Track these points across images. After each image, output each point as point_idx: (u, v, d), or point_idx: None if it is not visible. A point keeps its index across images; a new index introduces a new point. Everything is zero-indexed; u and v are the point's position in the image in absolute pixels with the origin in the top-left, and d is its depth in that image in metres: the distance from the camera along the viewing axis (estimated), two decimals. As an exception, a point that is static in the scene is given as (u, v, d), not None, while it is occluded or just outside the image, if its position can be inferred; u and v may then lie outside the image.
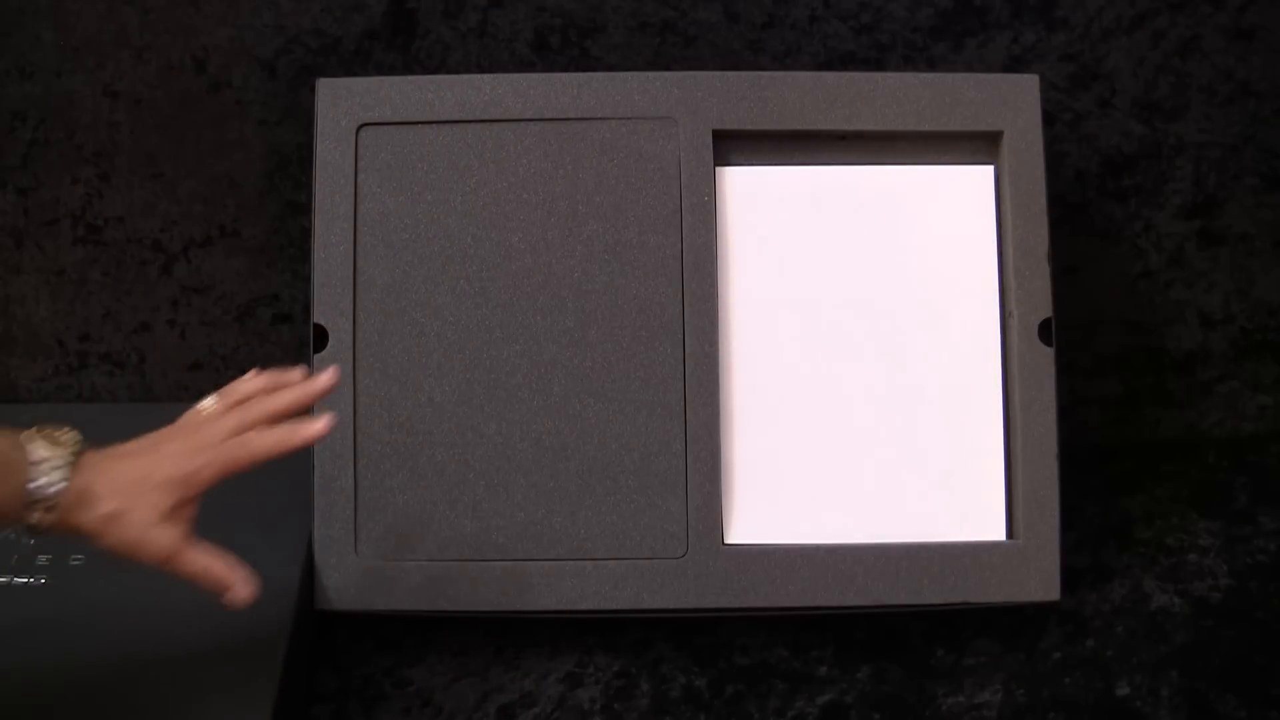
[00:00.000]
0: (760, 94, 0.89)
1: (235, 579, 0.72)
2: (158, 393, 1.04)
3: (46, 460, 0.68)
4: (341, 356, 0.87)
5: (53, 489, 0.68)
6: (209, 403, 0.76)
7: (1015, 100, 0.89)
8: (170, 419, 1.02)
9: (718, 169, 0.89)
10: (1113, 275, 1.06)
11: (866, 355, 0.89)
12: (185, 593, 0.71)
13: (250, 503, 0.89)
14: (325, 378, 0.78)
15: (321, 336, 0.88)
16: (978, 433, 0.89)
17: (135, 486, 0.70)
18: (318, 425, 0.75)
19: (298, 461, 0.86)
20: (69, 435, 0.70)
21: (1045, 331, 0.88)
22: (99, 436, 0.74)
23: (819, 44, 1.00)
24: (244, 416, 0.75)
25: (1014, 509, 0.88)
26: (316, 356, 0.88)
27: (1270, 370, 1.09)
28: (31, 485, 0.67)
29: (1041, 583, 0.87)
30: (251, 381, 0.78)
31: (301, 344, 0.99)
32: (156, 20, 0.99)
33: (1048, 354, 0.88)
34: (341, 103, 0.88)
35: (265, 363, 1.04)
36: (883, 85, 0.89)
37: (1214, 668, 0.87)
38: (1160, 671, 0.87)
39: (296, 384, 0.78)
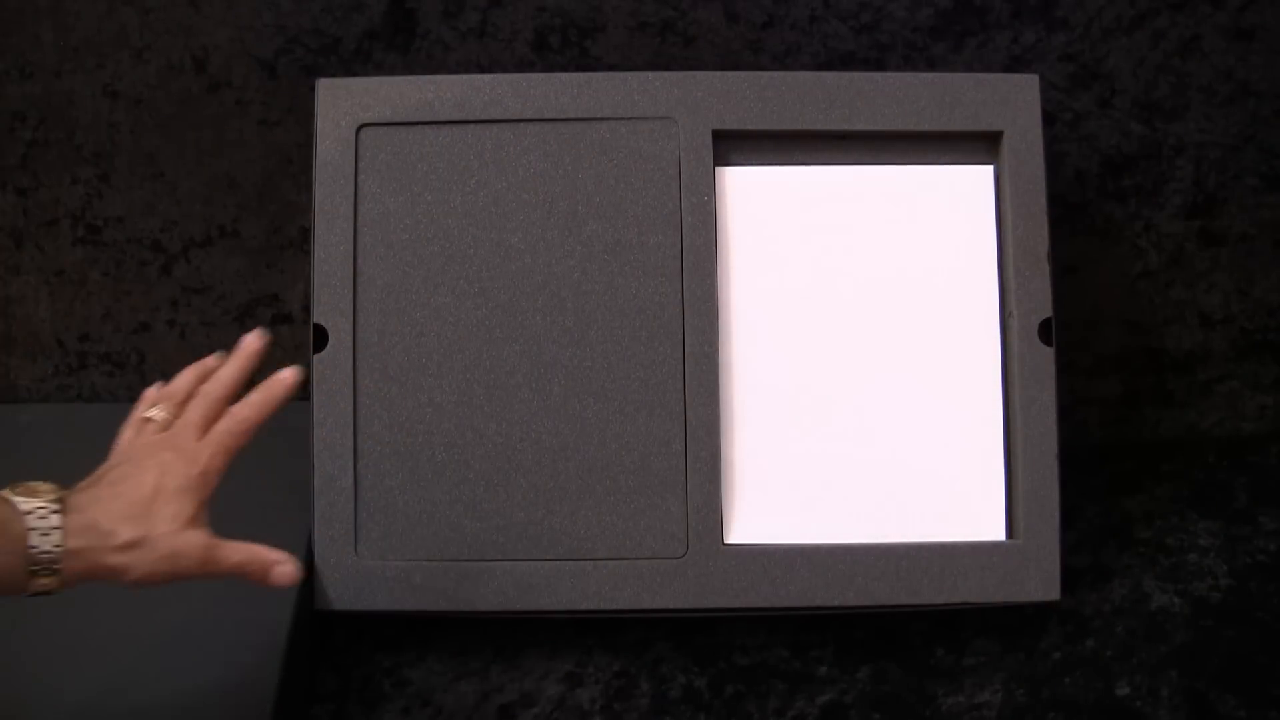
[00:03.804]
0: (760, 94, 0.89)
1: (278, 558, 0.69)
2: (158, 393, 1.04)
3: (34, 511, 0.62)
4: (341, 356, 0.87)
5: (50, 538, 0.62)
6: (157, 412, 0.72)
7: (1015, 100, 0.89)
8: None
9: (718, 169, 0.89)
10: (1113, 275, 1.06)
11: (866, 355, 0.89)
12: (185, 593, 0.71)
13: (250, 503, 0.89)
14: (251, 338, 0.76)
15: (321, 337, 0.88)
16: (978, 433, 0.89)
17: (146, 506, 0.66)
18: (288, 374, 0.74)
19: (298, 461, 0.87)
20: (43, 484, 0.65)
21: (1045, 331, 0.88)
22: (99, 437, 0.74)
23: (819, 44, 0.99)
24: (206, 406, 0.71)
25: (1014, 509, 0.88)
26: (316, 357, 0.87)
27: (1270, 370, 1.09)
28: (33, 535, 0.62)
29: (1041, 583, 0.87)
30: (182, 377, 0.74)
31: (301, 344, 0.99)
32: (156, 20, 0.99)
33: (1048, 354, 0.88)
34: (341, 103, 0.88)
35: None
36: (883, 85, 0.89)
37: (1214, 668, 0.87)
38: (1160, 671, 0.87)
39: (226, 359, 0.75)
